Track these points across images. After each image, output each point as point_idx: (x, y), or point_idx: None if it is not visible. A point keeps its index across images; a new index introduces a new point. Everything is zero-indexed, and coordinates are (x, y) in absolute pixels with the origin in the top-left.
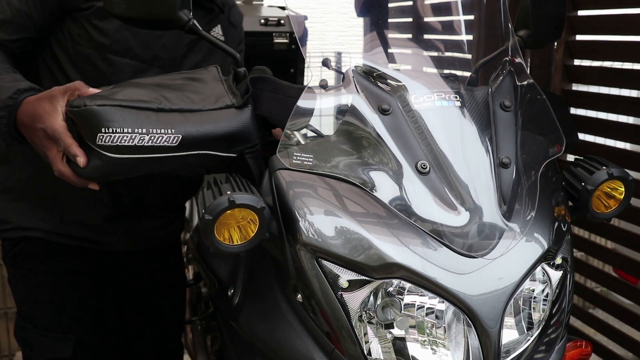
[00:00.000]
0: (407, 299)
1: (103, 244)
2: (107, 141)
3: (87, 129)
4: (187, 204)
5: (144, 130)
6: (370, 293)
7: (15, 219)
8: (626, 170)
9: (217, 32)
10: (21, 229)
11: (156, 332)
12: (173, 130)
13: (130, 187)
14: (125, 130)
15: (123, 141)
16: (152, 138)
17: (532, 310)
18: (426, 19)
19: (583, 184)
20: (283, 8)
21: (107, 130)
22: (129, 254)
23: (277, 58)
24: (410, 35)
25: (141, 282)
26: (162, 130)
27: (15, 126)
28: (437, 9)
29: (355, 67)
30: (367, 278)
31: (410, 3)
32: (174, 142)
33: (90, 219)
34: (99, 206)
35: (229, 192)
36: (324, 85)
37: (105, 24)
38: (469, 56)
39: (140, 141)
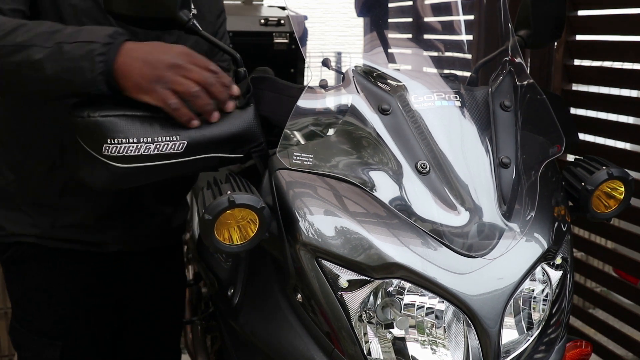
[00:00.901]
0: (407, 298)
1: (97, 245)
2: (113, 152)
3: (91, 140)
4: (189, 201)
5: (149, 139)
6: (370, 293)
7: (6, 225)
8: (626, 170)
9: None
10: (13, 235)
11: (154, 334)
12: (178, 137)
13: None
14: (131, 140)
15: (129, 151)
16: (158, 146)
17: (532, 310)
18: (426, 19)
19: (583, 184)
20: (283, 8)
21: (112, 142)
22: (127, 256)
23: (277, 58)
24: (410, 35)
25: (140, 285)
26: (167, 138)
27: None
28: (437, 9)
29: (355, 67)
30: (367, 278)
31: (410, 3)
32: (179, 148)
33: (82, 220)
34: (91, 205)
35: (228, 192)
36: (324, 85)
37: None
38: (469, 56)
39: (147, 150)
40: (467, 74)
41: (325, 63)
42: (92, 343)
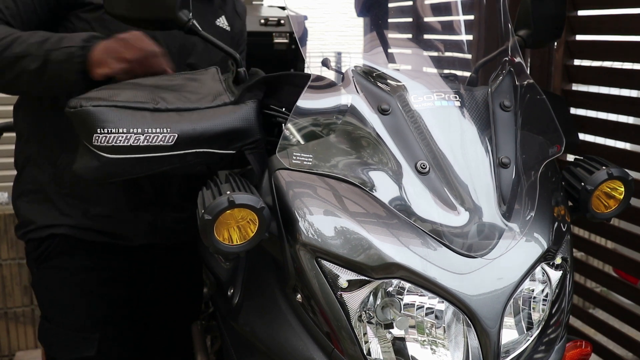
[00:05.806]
0: (407, 299)
1: (126, 238)
2: (103, 142)
3: (83, 130)
4: None
5: (140, 130)
6: (370, 293)
7: (39, 219)
8: (626, 170)
9: (223, 22)
10: (45, 227)
11: (172, 328)
12: (169, 129)
13: (152, 178)
14: (121, 130)
15: (119, 141)
16: (148, 137)
17: (531, 310)
18: (426, 19)
19: (583, 184)
20: (283, 8)
21: (102, 131)
22: (154, 249)
23: (277, 58)
24: (410, 35)
25: (163, 279)
26: (158, 130)
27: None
28: (437, 9)
29: (355, 67)
30: (366, 278)
31: (410, 3)
32: (169, 141)
33: (112, 212)
34: (121, 198)
35: (228, 192)
36: None
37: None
38: (468, 56)
39: (136, 141)
40: (467, 74)
41: (325, 63)
42: (126, 335)
